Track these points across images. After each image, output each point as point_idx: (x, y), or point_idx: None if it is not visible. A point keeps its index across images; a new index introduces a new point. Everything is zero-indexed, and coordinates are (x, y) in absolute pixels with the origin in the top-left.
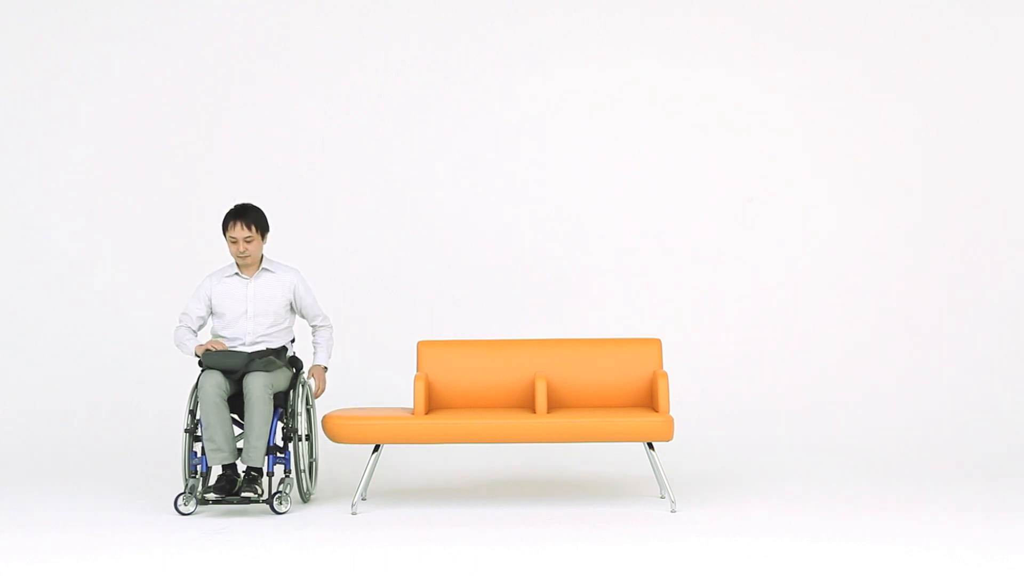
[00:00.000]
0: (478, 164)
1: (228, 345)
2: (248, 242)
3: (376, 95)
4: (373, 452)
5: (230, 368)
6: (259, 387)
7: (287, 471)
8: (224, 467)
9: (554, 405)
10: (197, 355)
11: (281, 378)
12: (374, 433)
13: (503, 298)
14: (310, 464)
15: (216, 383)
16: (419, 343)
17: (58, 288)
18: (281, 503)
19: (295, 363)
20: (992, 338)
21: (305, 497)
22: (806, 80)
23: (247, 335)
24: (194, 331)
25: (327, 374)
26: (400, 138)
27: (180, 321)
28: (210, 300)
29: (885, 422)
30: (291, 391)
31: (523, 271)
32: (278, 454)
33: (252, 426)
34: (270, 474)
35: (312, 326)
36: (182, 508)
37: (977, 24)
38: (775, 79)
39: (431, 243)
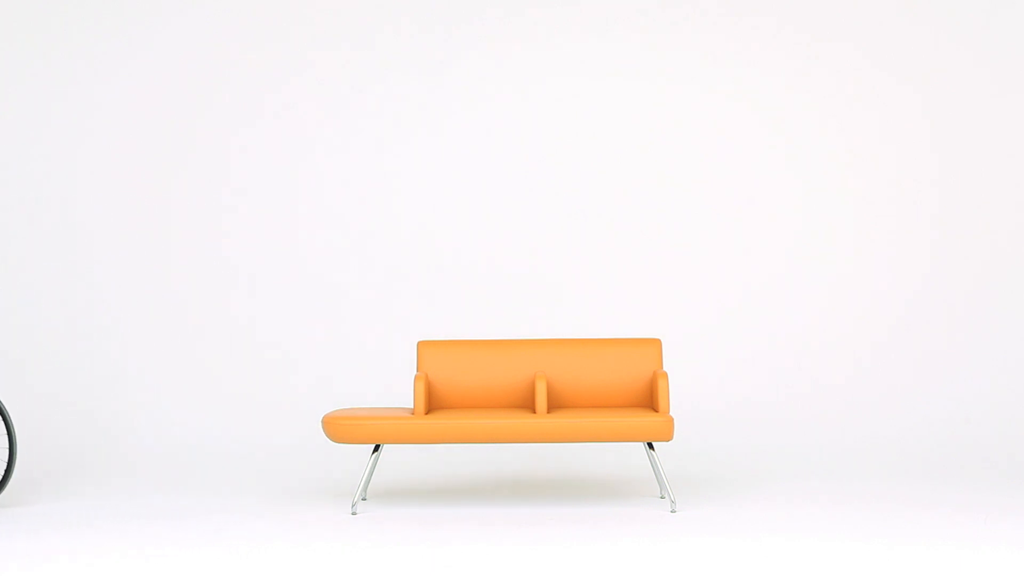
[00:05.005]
0: (478, 164)
1: None
2: None
3: (376, 95)
4: (373, 452)
5: None
6: None
7: None
8: None
9: (554, 405)
10: None
11: None
12: (374, 433)
13: (503, 298)
14: None
15: None
16: (419, 343)
17: (56, 289)
18: None
19: None
20: (1004, 344)
21: None
22: (817, 78)
23: None
24: None
25: None
26: (399, 138)
27: None
28: None
29: (886, 424)
30: None
31: (523, 271)
32: None
33: None
34: None
35: None
36: None
37: (995, 19)
38: (786, 77)
39: (431, 243)
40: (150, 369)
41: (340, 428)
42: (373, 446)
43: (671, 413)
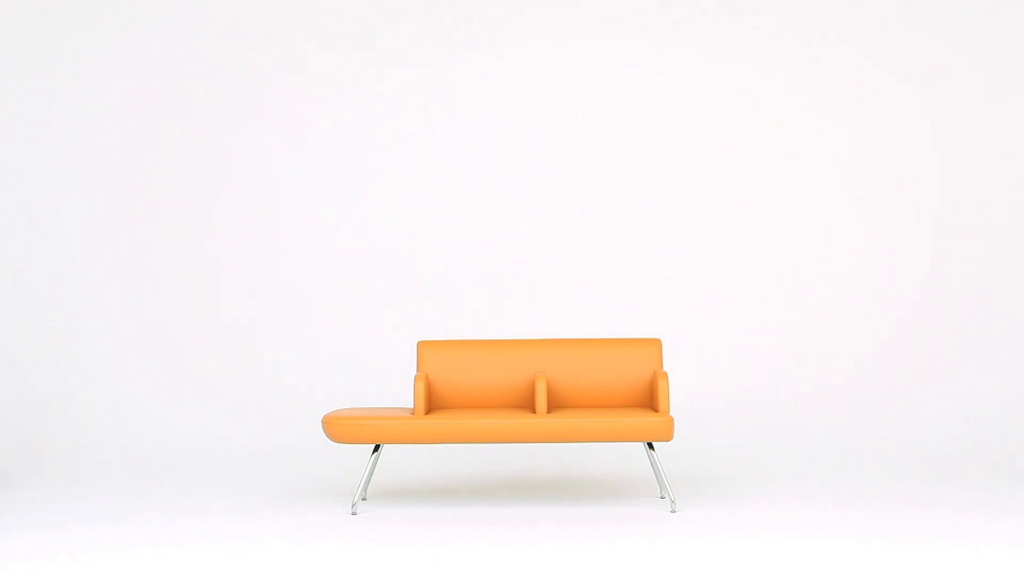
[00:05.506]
0: (478, 164)
1: None
2: None
3: (376, 95)
4: (373, 452)
5: None
6: None
7: None
8: None
9: (554, 405)
10: None
11: None
12: (374, 433)
13: (503, 298)
14: None
15: None
16: (419, 343)
17: (52, 290)
18: None
19: None
20: (1004, 344)
21: None
22: (817, 78)
23: None
24: None
25: None
26: (399, 137)
27: None
28: None
29: (886, 424)
30: None
31: (523, 271)
32: None
33: None
34: None
35: None
36: None
37: (995, 19)
38: (786, 77)
39: (432, 243)
40: (149, 369)
41: (340, 428)
42: (373, 446)
43: (671, 413)
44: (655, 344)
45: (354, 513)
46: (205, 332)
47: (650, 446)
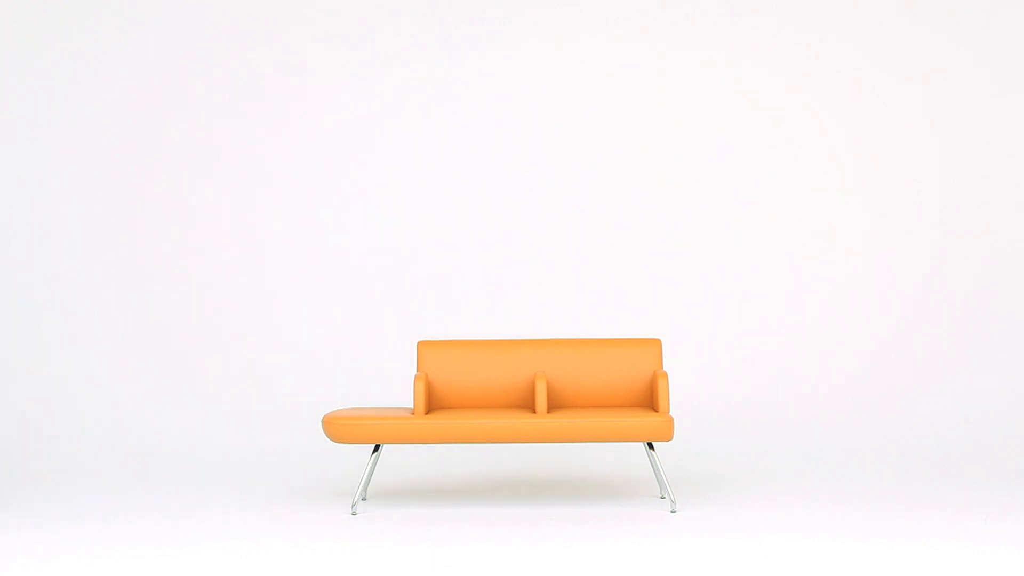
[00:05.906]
0: (478, 164)
1: None
2: None
3: (376, 94)
4: (373, 452)
5: None
6: None
7: None
8: None
9: (554, 405)
10: None
11: None
12: (374, 433)
13: (503, 298)
14: None
15: None
16: (419, 343)
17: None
18: None
19: None
20: (1004, 344)
21: None
22: (817, 78)
23: None
24: None
25: None
26: (398, 137)
27: None
28: None
29: (886, 424)
30: None
31: (523, 271)
32: None
33: None
34: None
35: None
36: None
37: (995, 19)
38: (786, 77)
39: (432, 243)
40: (148, 370)
41: (340, 428)
42: (373, 446)
43: (671, 413)
44: (655, 344)
45: (354, 513)
46: (205, 332)
47: (650, 446)
